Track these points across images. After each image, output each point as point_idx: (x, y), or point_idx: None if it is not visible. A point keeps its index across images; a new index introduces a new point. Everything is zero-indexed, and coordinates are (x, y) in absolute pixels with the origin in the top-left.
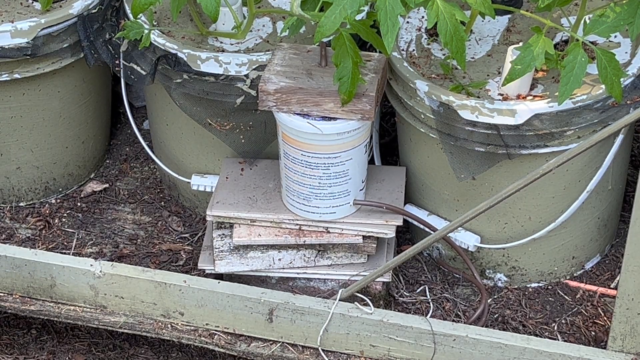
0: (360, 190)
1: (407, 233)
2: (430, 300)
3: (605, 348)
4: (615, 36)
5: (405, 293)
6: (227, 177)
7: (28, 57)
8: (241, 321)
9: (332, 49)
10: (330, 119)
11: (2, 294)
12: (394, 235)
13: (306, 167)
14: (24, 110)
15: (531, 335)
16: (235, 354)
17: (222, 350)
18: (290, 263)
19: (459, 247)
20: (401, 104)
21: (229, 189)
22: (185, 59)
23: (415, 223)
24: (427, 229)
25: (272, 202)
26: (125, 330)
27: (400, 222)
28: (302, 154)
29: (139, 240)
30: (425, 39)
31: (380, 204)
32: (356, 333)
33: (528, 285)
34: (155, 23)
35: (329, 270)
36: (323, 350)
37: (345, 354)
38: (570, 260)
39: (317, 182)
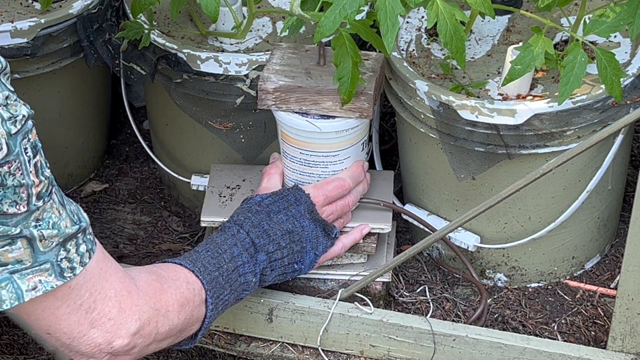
0: None
1: (407, 233)
2: (430, 300)
3: (605, 348)
4: (615, 36)
5: (405, 293)
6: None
7: (28, 57)
8: (241, 321)
9: (332, 49)
10: (329, 117)
11: None
12: (390, 229)
13: (305, 165)
14: None
15: (531, 335)
16: (235, 354)
17: (222, 350)
18: None
19: (457, 247)
20: (401, 104)
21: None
22: (185, 59)
23: (416, 223)
24: (427, 229)
25: None
26: None
27: (390, 217)
28: (300, 152)
29: (138, 240)
30: (425, 39)
31: (377, 201)
32: (356, 333)
33: (528, 285)
34: (155, 23)
35: (329, 270)
36: (323, 350)
37: (345, 354)
38: (570, 260)
39: (316, 180)
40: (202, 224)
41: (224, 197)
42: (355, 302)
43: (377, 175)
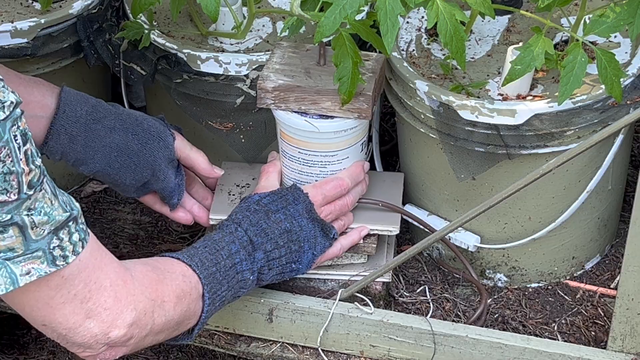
0: None
1: (407, 233)
2: (430, 300)
3: (605, 348)
4: (615, 36)
5: (405, 293)
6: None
7: (28, 57)
8: (241, 321)
9: (332, 49)
10: (327, 117)
11: None
12: (397, 231)
13: (303, 164)
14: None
15: (531, 335)
16: (235, 354)
17: (222, 350)
18: None
19: (457, 247)
20: (401, 104)
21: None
22: (185, 59)
23: (415, 223)
24: (427, 230)
25: None
26: None
27: (398, 219)
28: (299, 152)
29: (138, 240)
30: (425, 39)
31: (376, 201)
32: (356, 333)
33: (528, 285)
34: (155, 23)
35: (329, 270)
36: (323, 350)
37: (345, 354)
38: (570, 260)
39: (314, 180)
40: (211, 222)
41: (233, 195)
42: (355, 302)
43: (387, 177)
